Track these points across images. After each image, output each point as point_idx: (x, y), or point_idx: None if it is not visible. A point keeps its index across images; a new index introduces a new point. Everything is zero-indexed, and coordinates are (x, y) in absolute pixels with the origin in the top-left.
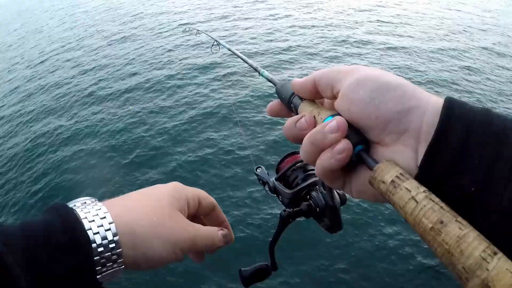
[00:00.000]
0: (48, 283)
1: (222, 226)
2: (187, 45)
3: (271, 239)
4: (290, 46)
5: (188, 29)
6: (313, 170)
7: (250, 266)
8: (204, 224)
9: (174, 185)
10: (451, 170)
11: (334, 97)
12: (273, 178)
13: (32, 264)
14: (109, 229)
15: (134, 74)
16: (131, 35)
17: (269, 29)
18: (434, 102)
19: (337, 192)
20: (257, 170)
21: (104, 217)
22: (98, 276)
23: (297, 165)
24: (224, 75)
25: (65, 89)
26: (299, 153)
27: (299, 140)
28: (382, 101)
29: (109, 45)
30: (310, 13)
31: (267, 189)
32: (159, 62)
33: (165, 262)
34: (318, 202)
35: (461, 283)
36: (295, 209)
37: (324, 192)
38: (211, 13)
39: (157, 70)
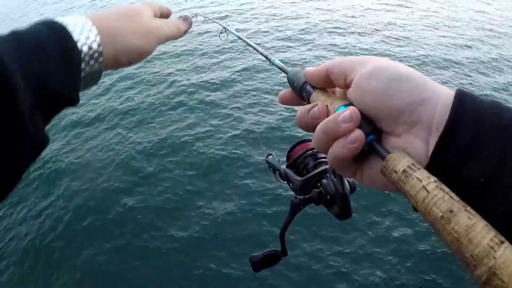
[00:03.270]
0: (38, 73)
1: None
2: (194, 32)
3: (281, 225)
4: (301, 36)
5: (195, 15)
6: (324, 157)
7: (261, 252)
8: None
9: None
10: (461, 161)
11: (346, 86)
12: (284, 166)
13: (25, 60)
14: (91, 30)
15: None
16: None
17: (280, 17)
18: (446, 94)
19: (347, 180)
20: (268, 158)
21: (84, 20)
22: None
23: (307, 152)
24: (232, 64)
25: None
26: (309, 141)
27: (312, 129)
28: (395, 92)
29: None
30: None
31: (277, 176)
32: (163, 49)
33: (145, 51)
34: (328, 189)
35: (469, 270)
36: (305, 196)
37: (335, 179)
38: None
39: (161, 58)
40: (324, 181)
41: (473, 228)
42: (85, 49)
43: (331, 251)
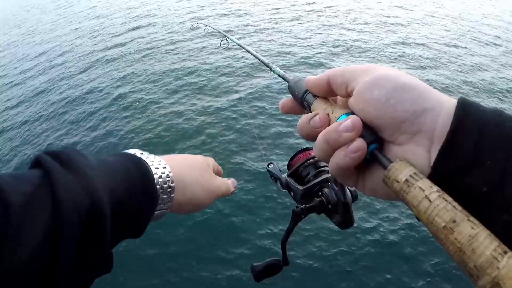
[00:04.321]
0: (119, 210)
1: None
2: (195, 40)
3: (283, 235)
4: (303, 45)
5: (196, 24)
6: (325, 166)
7: (262, 261)
8: None
9: (203, 156)
10: (464, 170)
11: (348, 95)
12: (285, 175)
13: (111, 196)
14: (168, 177)
15: (140, 68)
16: (136, 30)
17: (282, 27)
18: (448, 103)
19: (348, 189)
20: (269, 166)
21: (165, 167)
22: None
23: (308, 161)
24: (235, 73)
25: (66, 84)
26: (310, 150)
27: (313, 138)
28: (397, 101)
29: (113, 42)
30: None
31: (279, 185)
32: (165, 58)
33: (203, 206)
34: (330, 198)
35: (472, 280)
36: (307, 205)
37: (336, 188)
38: (220, 9)
39: (163, 66)
40: (325, 190)
41: (476, 238)
42: (160, 191)
43: (333, 258)
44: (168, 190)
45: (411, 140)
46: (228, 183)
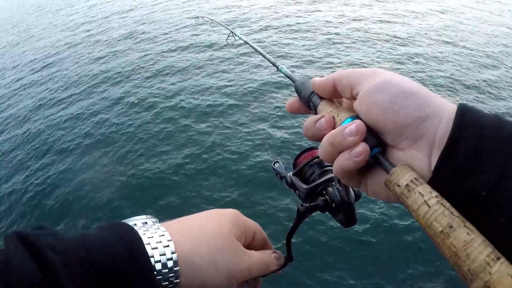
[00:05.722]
0: None
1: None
2: (200, 35)
3: (288, 232)
4: (309, 44)
5: (201, 19)
6: (329, 166)
7: None
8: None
9: (235, 213)
10: (463, 175)
11: (353, 98)
12: (290, 173)
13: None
14: (171, 259)
15: (142, 63)
16: (140, 26)
17: (290, 24)
18: (449, 109)
19: (352, 188)
20: (275, 165)
21: (167, 246)
22: None
23: (314, 160)
24: (239, 71)
25: (65, 83)
26: (315, 149)
27: (318, 139)
28: (401, 107)
29: (115, 37)
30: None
31: (284, 183)
32: (169, 53)
33: None
34: (334, 197)
35: (466, 283)
36: (311, 204)
37: (340, 188)
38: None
39: (168, 61)
40: (329, 189)
41: (471, 243)
42: (158, 279)
43: (337, 255)
44: (169, 275)
45: (413, 145)
46: (268, 260)
